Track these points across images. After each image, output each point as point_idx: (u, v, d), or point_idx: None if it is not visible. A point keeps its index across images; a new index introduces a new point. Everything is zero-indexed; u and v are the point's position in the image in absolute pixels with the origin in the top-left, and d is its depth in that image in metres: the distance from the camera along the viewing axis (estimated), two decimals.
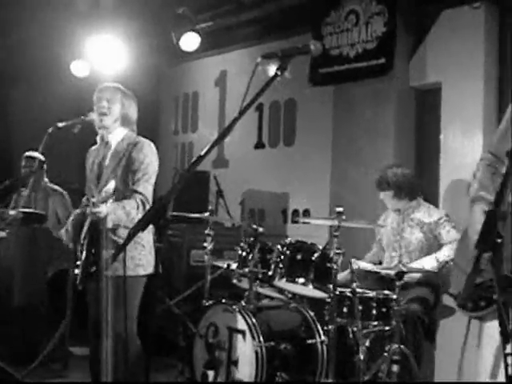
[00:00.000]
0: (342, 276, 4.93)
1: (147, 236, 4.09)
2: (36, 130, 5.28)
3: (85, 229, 4.08)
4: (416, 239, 5.14)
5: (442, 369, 5.53)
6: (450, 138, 5.70)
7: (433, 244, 5.12)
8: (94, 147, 4.32)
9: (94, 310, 4.15)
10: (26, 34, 7.05)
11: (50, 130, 4.35)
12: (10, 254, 5.60)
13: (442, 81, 5.79)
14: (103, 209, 3.84)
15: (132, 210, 3.96)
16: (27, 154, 6.30)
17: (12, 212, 5.74)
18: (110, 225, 3.93)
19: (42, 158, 6.22)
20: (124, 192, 4.03)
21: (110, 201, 3.86)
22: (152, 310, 2.85)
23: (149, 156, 4.10)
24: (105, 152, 4.20)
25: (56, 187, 6.38)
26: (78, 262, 4.09)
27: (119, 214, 3.92)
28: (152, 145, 4.17)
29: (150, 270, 4.11)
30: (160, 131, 8.77)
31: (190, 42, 7.20)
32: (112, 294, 3.98)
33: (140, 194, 4.00)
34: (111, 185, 3.76)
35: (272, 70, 4.37)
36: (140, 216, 3.96)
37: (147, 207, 4.00)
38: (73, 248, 4.19)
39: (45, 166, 6.37)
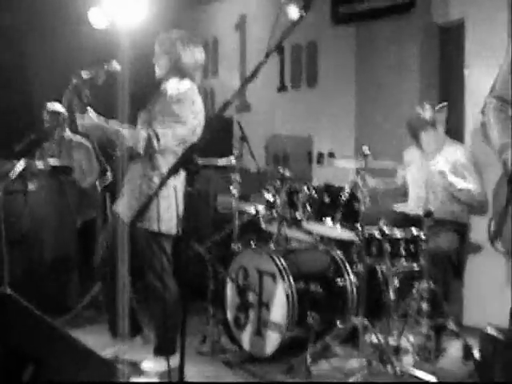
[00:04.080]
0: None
1: (164, 191, 4.00)
2: (55, 80, 5.25)
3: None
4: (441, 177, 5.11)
5: (471, 306, 5.57)
6: (475, 74, 5.62)
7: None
8: None
9: (105, 251, 4.22)
10: None
11: (74, 81, 4.27)
12: (39, 207, 5.65)
13: (465, 16, 5.69)
14: (86, 121, 3.92)
15: (129, 138, 3.91)
16: (50, 107, 6.30)
17: (39, 164, 5.78)
18: (97, 141, 3.96)
19: (64, 112, 6.23)
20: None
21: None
22: (183, 255, 2.88)
23: (186, 110, 4.00)
24: (155, 98, 4.15)
25: (81, 140, 6.35)
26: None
27: (111, 132, 3.92)
28: (197, 102, 4.09)
29: (160, 226, 4.02)
30: None
31: None
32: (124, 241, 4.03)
33: (152, 130, 3.93)
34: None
35: (293, 11, 4.33)
36: (140, 148, 3.92)
37: (153, 145, 3.91)
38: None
39: (68, 119, 6.36)
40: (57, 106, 6.20)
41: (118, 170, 4.22)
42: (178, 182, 4.01)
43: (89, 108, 3.99)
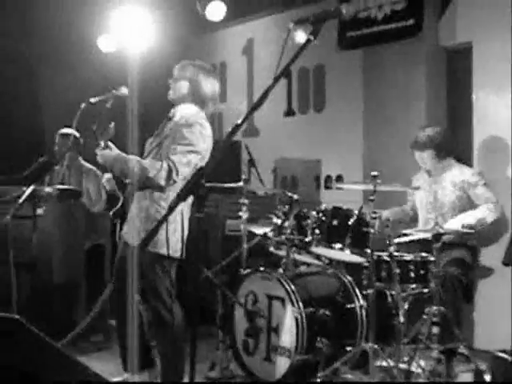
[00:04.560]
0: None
1: (172, 215, 3.82)
2: (65, 106, 5.30)
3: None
4: (449, 200, 5.11)
5: (482, 329, 5.53)
6: (483, 98, 5.63)
7: (466, 204, 5.09)
8: None
9: (117, 280, 4.19)
10: (52, 8, 7.06)
11: (83, 105, 4.31)
12: (47, 231, 5.65)
13: (473, 40, 5.70)
14: (113, 151, 3.88)
15: (151, 170, 3.89)
16: (62, 131, 6.34)
17: (48, 189, 5.78)
18: (117, 172, 3.97)
19: (76, 134, 6.26)
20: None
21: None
22: (191, 280, 2.87)
23: (195, 135, 4.00)
24: (164, 123, 4.18)
25: (91, 166, 6.39)
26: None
27: (132, 165, 3.89)
28: (206, 127, 4.09)
29: (165, 249, 3.97)
30: None
31: (215, 11, 7.17)
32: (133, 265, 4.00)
33: (170, 160, 3.92)
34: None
35: (300, 36, 4.35)
36: (161, 180, 3.90)
37: (173, 175, 3.90)
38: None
39: (80, 143, 6.41)
40: (68, 130, 6.23)
41: (129, 198, 4.22)
42: (186, 206, 4.01)
43: (109, 142, 4.02)
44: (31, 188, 4.89)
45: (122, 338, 4.20)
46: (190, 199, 3.82)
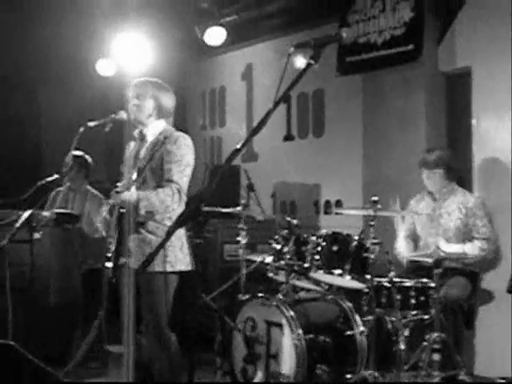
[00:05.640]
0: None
1: (177, 232, 3.98)
2: (64, 130, 5.30)
3: (114, 219, 4.08)
4: (454, 225, 5.08)
5: (482, 356, 5.47)
6: (483, 123, 5.62)
7: (470, 231, 5.06)
8: (132, 142, 4.34)
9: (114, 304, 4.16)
10: (51, 33, 7.08)
11: (81, 129, 4.31)
12: (45, 254, 5.62)
13: (472, 65, 5.71)
14: (132, 192, 3.83)
15: (167, 198, 3.93)
16: (73, 153, 6.30)
17: (45, 213, 5.77)
18: (142, 211, 3.92)
19: (87, 158, 6.28)
20: (158, 183, 4.03)
21: (133, 188, 3.87)
22: (189, 306, 2.83)
23: (183, 148, 4.08)
24: (140, 145, 4.21)
25: (96, 193, 6.39)
26: (109, 255, 4.10)
27: (153, 200, 3.90)
28: (188, 138, 4.15)
29: (178, 267, 4.06)
30: (188, 127, 8.75)
31: (215, 36, 7.19)
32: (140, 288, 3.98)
33: (175, 182, 3.98)
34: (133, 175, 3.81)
35: (299, 61, 4.35)
36: (175, 204, 3.96)
37: (183, 196, 3.99)
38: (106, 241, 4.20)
39: (89, 167, 6.41)
40: (79, 152, 6.19)
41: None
42: None
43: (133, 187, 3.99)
44: (29, 212, 4.86)
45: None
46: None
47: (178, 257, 4.06)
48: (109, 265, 4.11)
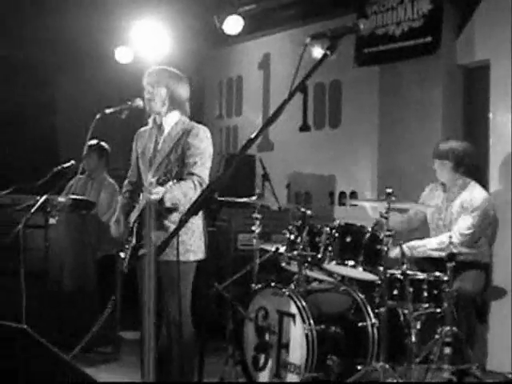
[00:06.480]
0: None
1: (197, 221, 4.11)
2: (81, 116, 5.32)
3: (135, 212, 4.10)
4: (451, 219, 5.04)
5: (495, 351, 5.46)
6: (500, 116, 5.59)
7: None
8: (143, 129, 4.33)
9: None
10: (70, 20, 7.09)
11: (98, 116, 4.33)
12: (60, 240, 5.66)
13: (491, 58, 5.67)
14: (160, 189, 3.84)
15: (189, 190, 3.94)
16: (92, 141, 6.33)
17: (61, 199, 5.79)
18: (168, 204, 3.91)
19: (106, 147, 6.32)
20: (180, 176, 4.04)
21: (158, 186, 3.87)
22: (203, 294, 2.84)
23: (204, 141, 4.12)
24: (158, 136, 4.21)
25: (112, 181, 6.47)
26: (126, 246, 4.11)
27: (176, 193, 3.89)
28: (207, 130, 4.18)
29: (200, 255, 4.14)
30: (204, 116, 8.75)
31: (233, 25, 7.18)
32: (161, 279, 4.01)
33: (197, 175, 4.01)
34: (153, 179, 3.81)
35: (316, 51, 4.33)
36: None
37: (204, 188, 4.01)
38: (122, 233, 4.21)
39: (108, 156, 6.46)
40: (99, 142, 6.21)
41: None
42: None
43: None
44: (44, 197, 4.89)
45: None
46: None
47: (199, 245, 4.13)
48: (122, 255, 4.13)
